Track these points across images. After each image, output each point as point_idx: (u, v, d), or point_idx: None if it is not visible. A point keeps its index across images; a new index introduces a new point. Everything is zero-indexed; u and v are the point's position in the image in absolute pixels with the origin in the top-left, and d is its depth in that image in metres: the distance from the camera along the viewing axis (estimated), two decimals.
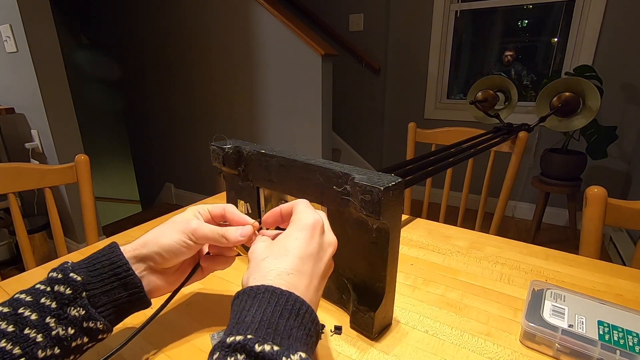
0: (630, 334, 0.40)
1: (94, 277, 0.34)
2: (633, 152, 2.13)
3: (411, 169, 0.71)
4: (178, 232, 0.37)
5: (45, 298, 0.32)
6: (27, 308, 0.31)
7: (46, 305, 0.31)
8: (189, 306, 0.49)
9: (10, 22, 1.66)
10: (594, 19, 2.06)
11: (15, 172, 0.83)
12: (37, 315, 0.31)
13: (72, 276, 0.33)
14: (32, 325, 0.30)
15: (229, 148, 0.52)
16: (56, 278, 0.33)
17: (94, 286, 0.34)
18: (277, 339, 0.25)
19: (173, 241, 0.37)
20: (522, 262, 0.60)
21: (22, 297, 0.32)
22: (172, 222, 0.39)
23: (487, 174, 1.13)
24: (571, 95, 1.18)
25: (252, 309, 0.27)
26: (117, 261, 0.35)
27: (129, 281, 0.35)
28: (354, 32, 2.75)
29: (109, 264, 0.35)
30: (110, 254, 0.36)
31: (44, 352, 0.30)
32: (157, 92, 2.68)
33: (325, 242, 0.34)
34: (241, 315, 0.27)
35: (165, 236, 0.37)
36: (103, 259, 0.35)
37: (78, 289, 0.33)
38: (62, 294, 0.32)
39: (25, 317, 0.30)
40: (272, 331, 0.26)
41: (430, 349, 0.41)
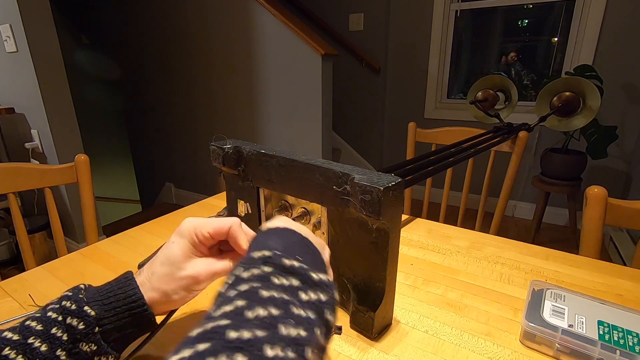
0: (630, 333, 0.40)
1: (107, 311, 0.33)
2: (633, 151, 2.13)
3: (411, 169, 0.71)
4: (186, 290, 0.36)
5: (56, 329, 0.31)
6: (37, 338, 0.30)
7: (57, 336, 0.31)
8: (189, 306, 0.49)
9: (10, 21, 1.66)
10: (594, 18, 2.06)
11: (15, 172, 0.83)
12: (47, 347, 0.30)
13: (86, 310, 0.32)
14: (42, 356, 0.30)
15: (229, 148, 0.52)
16: (69, 309, 0.32)
17: (107, 321, 0.33)
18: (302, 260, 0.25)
19: (182, 297, 0.36)
20: (522, 262, 0.60)
21: (32, 325, 0.31)
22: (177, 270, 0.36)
23: (487, 174, 1.13)
24: (571, 94, 1.18)
25: (274, 237, 0.28)
26: (133, 295, 0.34)
27: (144, 317, 0.35)
28: (354, 32, 2.75)
29: (124, 298, 0.34)
30: (126, 286, 0.35)
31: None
32: (157, 92, 2.68)
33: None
34: (264, 242, 0.28)
35: (174, 293, 0.36)
36: (118, 292, 0.35)
37: (91, 324, 0.32)
38: (75, 327, 0.31)
39: (35, 347, 0.30)
40: (297, 254, 0.26)
41: (430, 349, 0.41)
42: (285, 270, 0.24)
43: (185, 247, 0.36)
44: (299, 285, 0.23)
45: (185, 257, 0.36)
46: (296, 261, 0.24)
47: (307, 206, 0.49)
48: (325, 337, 0.23)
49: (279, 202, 0.52)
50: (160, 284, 0.35)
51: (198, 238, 0.36)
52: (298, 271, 0.24)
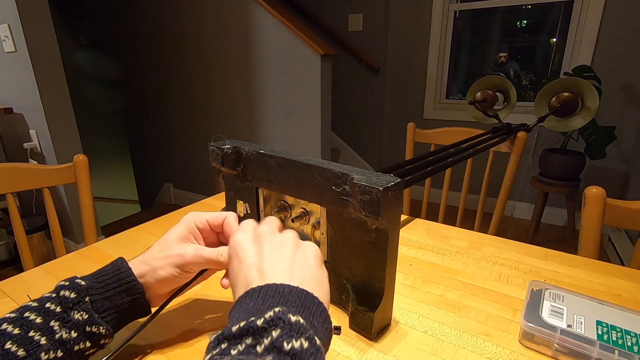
0: (628, 333, 0.40)
1: (97, 282, 0.36)
2: (631, 152, 2.14)
3: (410, 169, 0.71)
4: (172, 266, 0.38)
5: (50, 303, 0.33)
6: (32, 312, 0.32)
7: (51, 309, 0.33)
8: (189, 308, 0.49)
9: (8, 21, 1.66)
10: (593, 19, 2.06)
11: (13, 172, 0.83)
12: (42, 319, 0.32)
13: (77, 281, 0.35)
14: (37, 328, 0.31)
15: (228, 148, 0.52)
16: (63, 285, 0.35)
17: (97, 291, 0.35)
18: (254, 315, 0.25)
19: (169, 274, 0.38)
20: (521, 262, 0.60)
21: (30, 303, 0.33)
22: (168, 248, 0.39)
23: (486, 174, 1.13)
24: (570, 95, 1.18)
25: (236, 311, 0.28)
26: (121, 268, 0.37)
27: (132, 287, 0.37)
28: (353, 32, 2.75)
29: (112, 271, 0.37)
30: (115, 263, 0.38)
31: (47, 355, 0.31)
32: (156, 92, 2.68)
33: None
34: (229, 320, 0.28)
35: (161, 269, 0.38)
36: (107, 269, 0.38)
37: (82, 292, 0.34)
38: (67, 297, 0.33)
39: (31, 320, 0.31)
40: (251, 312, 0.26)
41: (429, 349, 0.41)
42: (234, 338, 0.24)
43: (181, 232, 0.40)
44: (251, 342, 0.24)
45: (178, 239, 0.39)
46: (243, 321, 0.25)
47: (306, 206, 0.49)
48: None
49: (278, 203, 0.52)
50: (150, 259, 0.38)
51: (196, 225, 0.40)
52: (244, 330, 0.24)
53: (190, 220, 0.40)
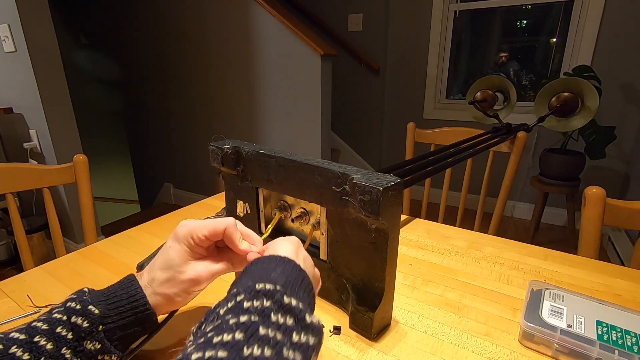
0: (628, 333, 0.40)
1: (111, 310, 0.34)
2: (631, 152, 2.14)
3: (410, 169, 0.71)
4: (188, 293, 0.37)
5: (61, 328, 0.32)
6: (43, 337, 0.31)
7: (62, 335, 0.31)
8: (190, 312, 0.49)
9: (8, 21, 1.66)
10: (593, 19, 2.06)
11: (13, 172, 0.83)
12: (53, 345, 0.31)
13: (90, 309, 0.33)
14: (48, 355, 0.30)
15: (228, 148, 0.52)
16: (74, 309, 0.33)
17: (110, 320, 0.34)
18: (299, 299, 0.27)
19: (185, 299, 0.38)
20: (520, 262, 0.60)
21: (38, 325, 0.32)
22: (178, 274, 0.37)
23: (486, 174, 1.13)
24: (570, 95, 1.18)
25: (277, 269, 0.30)
26: (135, 295, 0.35)
27: (146, 317, 0.36)
28: (353, 32, 2.75)
29: (127, 298, 0.35)
30: (128, 287, 0.36)
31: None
32: (156, 92, 2.68)
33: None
34: (265, 272, 0.29)
35: (177, 296, 0.37)
36: (121, 293, 0.35)
37: (95, 322, 0.33)
38: (79, 326, 0.32)
39: (41, 346, 0.30)
40: (295, 292, 0.28)
41: (429, 349, 0.41)
42: (283, 308, 0.25)
43: (182, 252, 0.37)
44: (292, 325, 0.25)
45: (183, 261, 0.37)
46: (294, 299, 0.26)
47: (306, 206, 0.49)
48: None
49: (278, 203, 0.52)
50: (162, 288, 0.36)
51: (194, 241, 0.37)
52: (294, 311, 0.25)
53: (187, 236, 0.37)
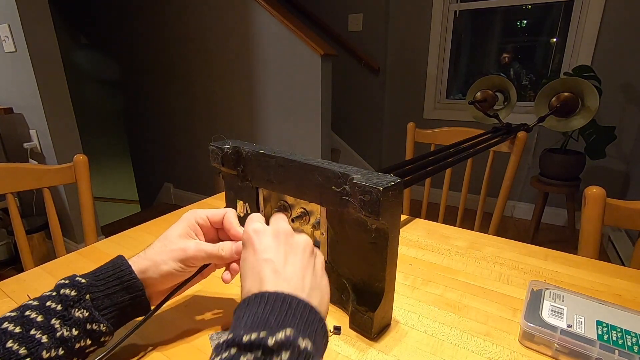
0: (628, 333, 0.40)
1: (98, 280, 0.36)
2: (632, 152, 2.14)
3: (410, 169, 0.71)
4: (175, 261, 0.39)
5: (51, 301, 0.33)
6: (33, 310, 0.32)
7: (51, 307, 0.33)
8: (188, 307, 0.49)
9: (8, 21, 1.66)
10: (593, 19, 2.06)
11: (13, 172, 0.83)
12: (43, 317, 0.32)
13: (77, 280, 0.35)
14: (38, 326, 0.31)
15: (228, 148, 0.52)
16: (63, 284, 0.35)
17: (97, 289, 0.36)
18: (266, 328, 0.27)
19: (172, 268, 0.39)
20: (521, 262, 0.60)
21: (30, 302, 0.34)
22: (170, 243, 0.40)
23: (486, 174, 1.13)
24: (570, 95, 1.18)
25: (246, 313, 0.29)
26: (121, 266, 0.38)
27: (132, 284, 0.37)
28: (353, 32, 2.75)
29: (112, 269, 0.37)
30: (114, 261, 0.39)
31: (48, 353, 0.31)
32: (156, 92, 2.68)
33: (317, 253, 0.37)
34: (238, 322, 0.29)
35: (163, 263, 0.39)
36: (107, 266, 0.38)
37: (82, 290, 0.34)
38: (67, 296, 0.34)
39: (32, 319, 0.32)
40: (263, 323, 0.27)
41: (429, 349, 0.41)
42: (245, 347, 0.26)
43: (182, 229, 0.41)
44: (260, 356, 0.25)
45: (180, 235, 0.40)
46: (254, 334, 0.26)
47: (306, 206, 0.49)
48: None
49: (278, 203, 0.52)
50: (151, 253, 0.39)
51: (197, 221, 0.42)
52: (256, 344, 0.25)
53: (191, 217, 0.42)
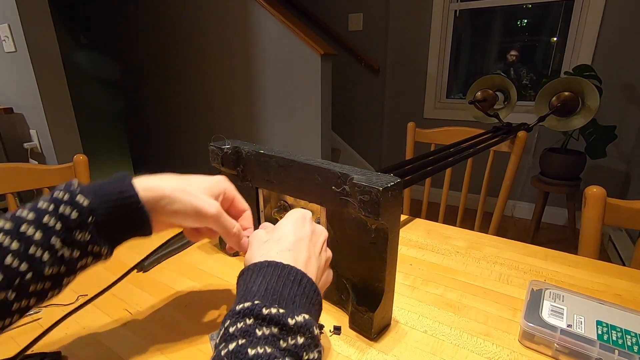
0: (628, 333, 0.40)
1: (101, 203, 0.33)
2: (632, 151, 2.13)
3: (410, 169, 0.71)
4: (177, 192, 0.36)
5: (48, 217, 0.31)
6: (29, 225, 0.30)
7: (50, 225, 0.30)
8: (188, 306, 0.49)
9: (8, 21, 1.66)
10: (593, 18, 2.06)
11: (13, 172, 0.83)
12: (41, 234, 0.30)
13: (78, 199, 0.32)
14: (37, 243, 0.30)
15: (228, 148, 0.52)
16: (61, 199, 0.32)
17: (100, 212, 0.32)
18: (282, 303, 0.28)
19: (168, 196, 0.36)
20: (521, 262, 0.60)
21: (23, 214, 0.31)
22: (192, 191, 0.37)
23: (487, 174, 1.13)
24: (570, 94, 1.18)
25: (257, 280, 0.30)
26: (126, 191, 0.34)
27: (137, 217, 0.34)
28: (353, 32, 2.75)
29: (117, 192, 0.34)
30: (120, 182, 0.34)
31: (50, 270, 0.30)
32: (156, 92, 2.68)
33: (316, 229, 0.38)
34: (247, 286, 0.30)
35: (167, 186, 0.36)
36: (112, 187, 0.34)
37: (84, 213, 0.32)
38: (68, 216, 0.31)
39: (29, 235, 0.30)
40: (277, 297, 0.28)
41: (429, 349, 0.41)
42: (265, 320, 0.26)
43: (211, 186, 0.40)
44: (277, 332, 0.26)
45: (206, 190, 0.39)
46: (274, 307, 0.27)
47: (306, 206, 0.49)
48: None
49: (278, 203, 0.52)
50: (163, 182, 0.36)
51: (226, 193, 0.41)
52: (276, 319, 0.26)
53: (223, 186, 0.41)
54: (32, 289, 0.30)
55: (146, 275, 0.56)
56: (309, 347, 0.27)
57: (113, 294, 0.51)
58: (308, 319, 0.27)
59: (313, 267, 0.34)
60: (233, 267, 0.58)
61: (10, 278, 0.28)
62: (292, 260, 0.32)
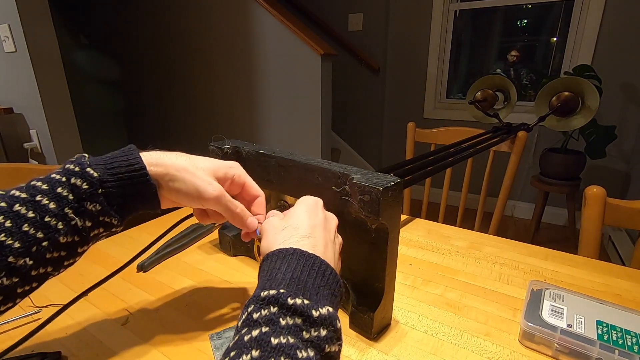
0: (628, 333, 0.40)
1: (110, 175, 0.34)
2: (632, 151, 2.13)
3: (410, 169, 0.71)
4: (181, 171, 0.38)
5: (61, 188, 0.32)
6: (44, 196, 0.31)
7: (63, 195, 0.32)
8: (188, 306, 0.49)
9: (8, 21, 1.66)
10: (593, 18, 2.06)
11: (13, 172, 0.83)
12: (56, 205, 0.31)
13: (88, 171, 0.33)
14: (52, 213, 0.31)
15: (228, 148, 0.52)
16: (73, 170, 0.33)
17: (109, 184, 0.34)
18: (306, 294, 0.28)
19: (173, 174, 0.37)
20: (521, 262, 0.60)
21: (37, 184, 0.32)
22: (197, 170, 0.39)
23: (487, 174, 1.13)
24: (570, 94, 1.18)
25: (282, 267, 0.30)
26: (135, 164, 0.35)
27: (145, 185, 0.35)
28: (353, 32, 2.75)
29: (126, 165, 0.35)
30: (129, 155, 0.36)
31: (65, 238, 0.31)
32: (156, 92, 2.68)
33: (327, 215, 0.38)
34: (272, 273, 0.30)
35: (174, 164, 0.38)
36: (121, 159, 0.35)
37: (95, 184, 0.33)
38: (79, 187, 0.32)
39: (44, 205, 0.31)
40: (302, 287, 0.29)
41: (429, 349, 0.41)
42: (289, 310, 0.27)
43: (215, 168, 0.40)
44: (301, 323, 0.26)
45: (209, 171, 0.39)
46: (299, 298, 0.27)
47: None
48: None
49: (278, 203, 0.52)
50: (169, 159, 0.38)
51: (234, 178, 0.41)
52: (300, 310, 0.27)
53: (232, 172, 0.41)
54: (49, 256, 0.31)
55: (146, 275, 0.56)
56: (330, 340, 0.27)
57: (113, 294, 0.51)
58: (332, 312, 0.28)
59: (330, 254, 0.34)
60: (233, 267, 0.58)
61: (28, 245, 0.29)
62: (310, 247, 0.33)
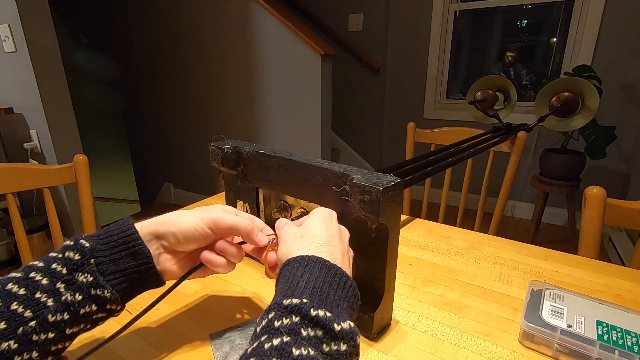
0: (628, 334, 0.40)
1: (102, 244, 0.34)
2: (632, 152, 2.14)
3: (410, 169, 0.71)
4: (198, 219, 0.37)
5: (56, 264, 0.32)
6: (38, 272, 0.31)
7: (57, 270, 0.32)
8: (188, 307, 0.49)
9: (8, 21, 1.66)
10: (593, 18, 2.06)
11: (13, 172, 0.83)
12: (48, 280, 0.31)
13: (81, 242, 0.34)
14: (43, 289, 0.31)
15: (228, 148, 0.52)
16: (68, 245, 0.34)
17: (102, 254, 0.34)
18: (328, 305, 0.28)
19: (191, 226, 0.37)
20: (521, 262, 0.60)
21: (35, 263, 0.32)
22: (195, 209, 0.39)
23: (487, 174, 1.13)
24: (570, 95, 1.18)
25: (304, 275, 0.30)
26: (127, 230, 0.35)
27: (138, 251, 0.35)
28: (353, 32, 2.75)
29: (118, 233, 0.35)
30: (122, 225, 0.36)
31: (54, 317, 0.30)
32: (156, 92, 2.68)
33: (341, 227, 0.39)
34: (294, 280, 0.30)
35: (184, 219, 0.37)
36: (113, 230, 0.36)
37: (86, 254, 0.33)
38: (71, 259, 0.32)
39: (37, 281, 0.31)
40: (324, 298, 0.28)
41: (429, 349, 0.41)
42: (312, 321, 0.26)
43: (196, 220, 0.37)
44: (322, 336, 0.26)
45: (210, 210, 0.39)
46: (322, 310, 0.27)
47: (306, 206, 0.49)
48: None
49: (278, 203, 0.52)
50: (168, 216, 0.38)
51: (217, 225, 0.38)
52: (322, 322, 0.26)
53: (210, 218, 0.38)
54: (35, 338, 0.29)
55: None
56: (350, 356, 0.27)
57: None
58: (353, 327, 0.28)
59: (347, 265, 0.34)
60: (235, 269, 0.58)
61: (14, 326, 0.28)
62: (329, 255, 0.32)
